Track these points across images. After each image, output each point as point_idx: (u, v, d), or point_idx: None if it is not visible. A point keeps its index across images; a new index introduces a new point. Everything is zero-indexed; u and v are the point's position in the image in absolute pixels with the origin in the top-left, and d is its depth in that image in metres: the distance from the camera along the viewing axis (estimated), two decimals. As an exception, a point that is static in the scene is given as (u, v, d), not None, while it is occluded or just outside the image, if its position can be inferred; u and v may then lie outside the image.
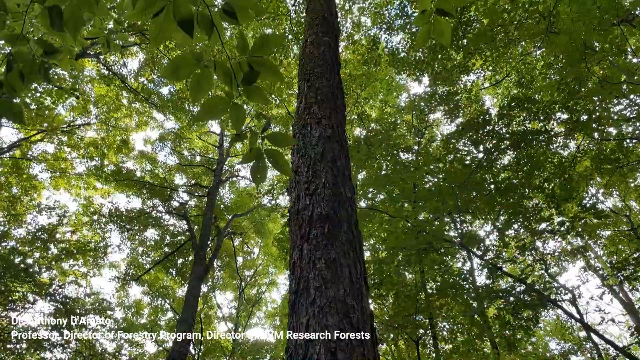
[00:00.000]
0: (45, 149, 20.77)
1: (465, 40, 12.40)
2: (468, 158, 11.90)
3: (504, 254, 9.94)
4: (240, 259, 26.62)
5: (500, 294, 9.04)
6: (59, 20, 2.02)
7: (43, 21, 2.06)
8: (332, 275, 3.10)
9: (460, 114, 14.71)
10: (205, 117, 2.06)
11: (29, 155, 20.36)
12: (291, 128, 5.29)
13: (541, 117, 11.47)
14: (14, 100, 2.09)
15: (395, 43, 15.44)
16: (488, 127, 11.84)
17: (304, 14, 7.95)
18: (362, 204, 12.56)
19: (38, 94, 17.02)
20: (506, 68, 15.17)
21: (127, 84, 17.33)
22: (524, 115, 11.70)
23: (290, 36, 12.14)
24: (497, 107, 14.34)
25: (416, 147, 14.30)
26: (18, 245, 17.40)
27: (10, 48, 2.15)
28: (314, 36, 5.96)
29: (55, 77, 16.98)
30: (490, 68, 13.80)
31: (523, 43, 13.52)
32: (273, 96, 15.18)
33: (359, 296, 3.06)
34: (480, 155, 11.90)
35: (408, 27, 13.72)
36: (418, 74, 12.77)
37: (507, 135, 11.68)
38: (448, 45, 2.78)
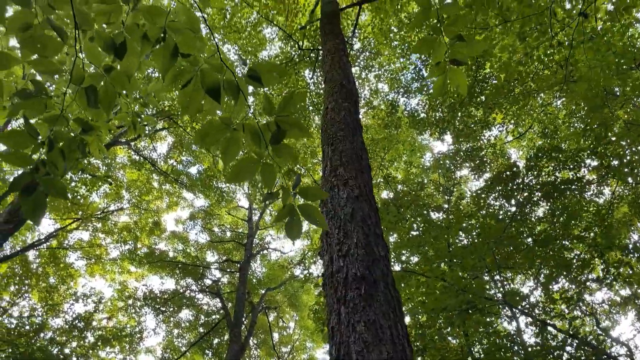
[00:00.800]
0: (80, 237, 21.29)
1: (483, 97, 12.55)
2: (501, 212, 11.68)
3: (551, 309, 9.45)
4: (276, 335, 25.99)
5: (552, 352, 8.50)
6: (94, 98, 2.12)
7: (80, 101, 2.18)
8: (373, 338, 2.97)
9: (487, 169, 14.61)
10: (237, 178, 2.09)
11: (65, 245, 20.83)
12: None
13: (570, 166, 11.30)
14: (57, 178, 2.16)
15: (413, 105, 15.75)
16: (517, 180, 11.70)
17: (323, 85, 8.23)
18: (397, 267, 12.29)
19: (73, 184, 17.68)
20: (528, 120, 15.19)
21: (157, 167, 17.90)
22: (553, 165, 11.54)
23: (310, 107, 12.51)
24: (524, 159, 14.19)
25: (446, 206, 14.12)
26: (56, 336, 17.41)
27: (51, 129, 2.26)
28: (334, 103, 6.11)
29: (89, 166, 17.69)
30: (512, 121, 13.84)
31: (542, 94, 13.59)
32: (298, 166, 15.41)
33: (403, 359, 2.91)
34: (513, 209, 11.67)
35: (425, 89, 14.01)
36: (440, 132, 12.87)
37: (538, 187, 11.49)
38: (465, 94, 2.80)
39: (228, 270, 21.70)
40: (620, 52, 7.69)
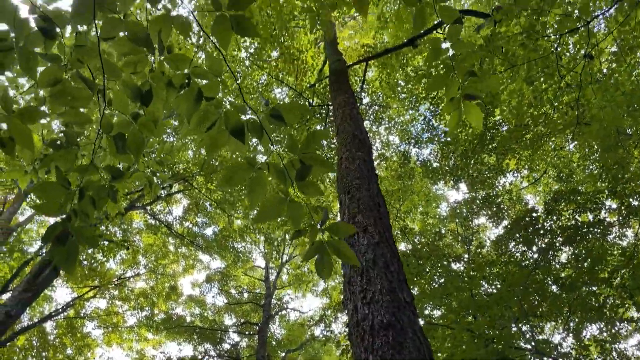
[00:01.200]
0: (97, 305, 21.10)
1: (495, 144, 12.59)
2: (523, 259, 11.42)
3: (584, 357, 9.02)
4: (298, 401, 24.96)
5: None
6: (122, 144, 2.17)
7: (110, 148, 2.22)
8: (405, 386, 2.84)
9: (505, 216, 14.44)
10: (264, 218, 2.08)
11: (82, 314, 20.63)
12: None
13: (590, 208, 11.14)
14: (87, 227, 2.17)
15: (426, 155, 15.83)
16: (537, 225, 11.52)
17: (335, 138, 8.35)
18: (420, 321, 11.92)
19: (90, 250, 17.73)
20: (542, 165, 15.12)
21: (173, 230, 17.95)
22: (572, 208, 11.39)
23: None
24: (542, 205, 14.02)
25: (466, 256, 13.87)
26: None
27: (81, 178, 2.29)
28: (347, 152, 6.16)
29: (107, 232, 17.79)
30: (526, 167, 13.79)
31: (554, 138, 13.61)
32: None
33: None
34: (535, 255, 11.41)
35: (436, 139, 14.13)
36: (454, 181, 12.84)
37: (559, 232, 11.29)
38: (480, 128, 2.82)
39: (246, 332, 21.21)
40: (629, 92, 7.75)
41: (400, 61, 12.69)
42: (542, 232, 11.33)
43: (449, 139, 13.64)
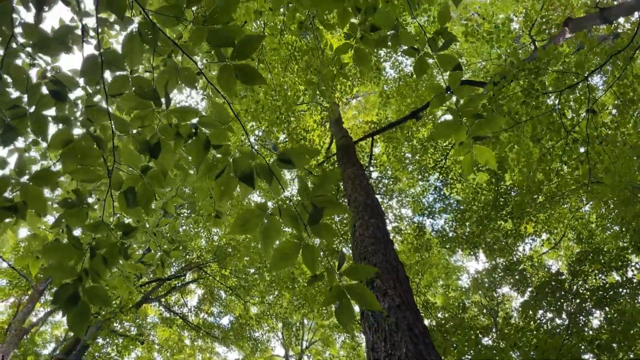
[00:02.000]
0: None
1: (509, 209, 12.48)
2: (552, 325, 10.89)
3: None
4: None
5: None
6: (133, 198, 2.14)
7: (120, 204, 2.20)
8: None
9: (529, 283, 13.95)
10: (279, 264, 2.00)
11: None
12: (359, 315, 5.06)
13: (615, 267, 10.78)
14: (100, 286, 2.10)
15: (440, 225, 15.67)
16: (563, 292, 11.11)
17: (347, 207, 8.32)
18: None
19: (105, 350, 17.21)
20: (560, 228, 14.85)
21: (188, 322, 17.49)
22: (597, 269, 11.03)
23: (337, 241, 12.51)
24: (565, 269, 13.59)
25: (494, 328, 13.25)
26: None
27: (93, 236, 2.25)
28: (360, 220, 6.10)
29: (121, 329, 17.36)
30: (544, 230, 13.52)
31: (568, 200, 13.47)
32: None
33: None
34: (565, 320, 10.88)
35: (449, 208, 14.04)
36: (471, 249, 12.57)
37: (587, 295, 10.86)
38: (494, 167, 2.79)
39: None
40: (634, 143, 7.76)
41: (405, 134, 12.93)
42: (569, 296, 10.89)
43: (461, 207, 13.56)
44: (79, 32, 1.97)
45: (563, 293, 11.28)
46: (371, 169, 13.46)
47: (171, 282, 15.67)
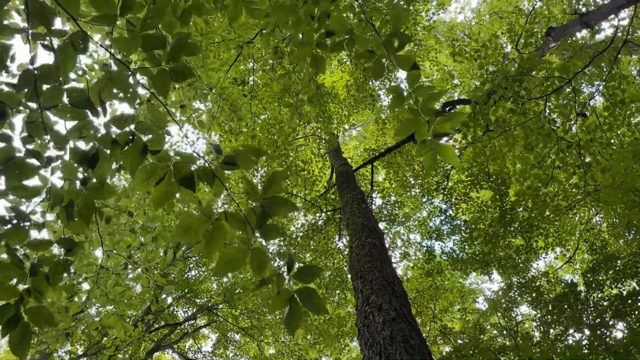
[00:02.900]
0: None
1: (516, 224, 12.32)
2: (574, 340, 10.53)
3: None
4: None
5: None
6: (71, 211, 2.13)
7: (61, 218, 2.18)
8: None
9: (548, 300, 13.59)
10: (224, 270, 1.96)
11: None
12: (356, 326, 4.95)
13: (630, 274, 10.51)
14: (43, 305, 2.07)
15: (450, 247, 15.45)
16: (580, 305, 10.81)
17: (345, 232, 8.25)
18: None
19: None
20: (572, 241, 14.59)
21: (204, 368, 17.16)
22: (612, 277, 10.76)
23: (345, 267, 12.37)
24: (582, 283, 13.26)
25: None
26: None
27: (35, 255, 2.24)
28: (357, 241, 6.04)
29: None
30: (555, 244, 13.26)
31: (576, 212, 13.28)
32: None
33: None
34: (587, 332, 10.53)
35: (457, 230, 13.87)
36: (483, 269, 12.34)
37: (605, 304, 10.55)
38: (457, 165, 2.76)
39: None
40: (632, 144, 7.70)
41: (405, 159, 12.93)
42: (587, 308, 10.58)
43: (469, 228, 13.38)
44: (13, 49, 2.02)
45: (580, 306, 10.98)
46: (373, 195, 13.41)
47: (183, 328, 15.48)
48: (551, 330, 10.54)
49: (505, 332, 13.94)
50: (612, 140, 7.45)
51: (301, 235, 12.03)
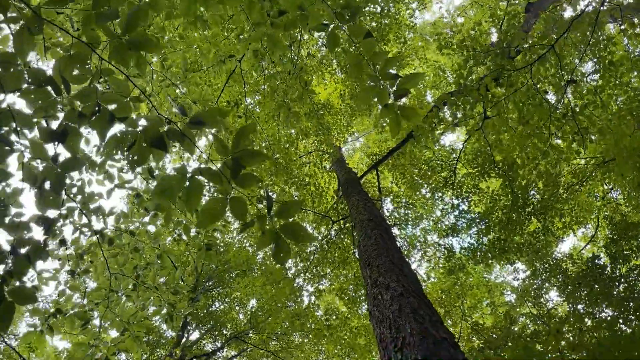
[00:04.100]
0: None
1: (529, 208, 12.18)
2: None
3: None
4: None
5: None
6: (44, 192, 2.20)
7: (36, 199, 2.24)
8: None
9: (574, 278, 13.33)
10: (207, 221, 2.01)
11: None
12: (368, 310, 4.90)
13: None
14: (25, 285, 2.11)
15: (467, 242, 15.25)
16: (608, 280, 10.59)
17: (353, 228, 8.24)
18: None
19: None
20: (591, 219, 14.35)
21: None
22: (635, 246, 10.54)
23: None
24: (606, 257, 12.96)
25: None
26: None
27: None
28: (364, 235, 6.03)
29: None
30: (574, 223, 13.05)
31: (589, 188, 13.11)
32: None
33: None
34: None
35: (473, 224, 13.74)
36: (502, 257, 12.16)
37: (633, 276, 10.32)
38: (419, 122, 2.79)
39: None
40: (625, 102, 7.67)
41: (409, 159, 12.91)
42: (614, 280, 10.35)
43: (484, 220, 13.24)
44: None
45: (607, 280, 10.76)
46: (383, 201, 13.38)
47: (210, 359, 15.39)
48: (579, 307, 10.29)
49: (537, 320, 13.62)
50: (608, 103, 7.41)
51: (317, 249, 12.00)
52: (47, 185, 2.17)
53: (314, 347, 14.70)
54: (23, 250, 2.28)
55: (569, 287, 12.38)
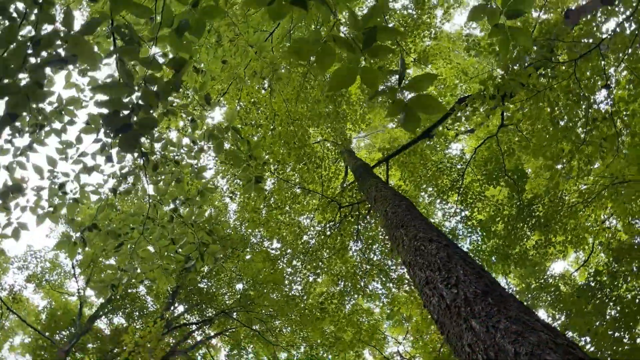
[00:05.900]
0: None
1: (533, 220, 12.30)
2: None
3: None
4: None
5: None
6: (181, 34, 2.18)
7: (171, 41, 2.22)
8: (523, 327, 2.41)
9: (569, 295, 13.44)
10: (337, 86, 2.03)
11: None
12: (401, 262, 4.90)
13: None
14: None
15: (467, 248, 15.32)
16: (604, 297, 10.69)
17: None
18: None
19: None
20: (587, 240, 14.48)
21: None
22: (637, 266, 10.67)
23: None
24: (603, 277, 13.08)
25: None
26: None
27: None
28: (390, 207, 6.02)
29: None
30: (572, 241, 13.16)
31: (591, 211, 13.24)
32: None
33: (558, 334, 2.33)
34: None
35: (474, 231, 13.83)
36: (504, 262, 12.27)
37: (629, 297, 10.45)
38: (530, 46, 2.80)
39: None
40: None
41: (419, 158, 12.95)
42: (612, 299, 10.45)
43: (486, 228, 13.33)
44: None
45: (603, 300, 10.87)
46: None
47: (194, 334, 15.28)
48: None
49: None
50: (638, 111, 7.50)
51: (318, 232, 11.98)
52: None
53: (299, 334, 14.61)
54: (154, 88, 2.26)
55: (561, 305, 12.47)
